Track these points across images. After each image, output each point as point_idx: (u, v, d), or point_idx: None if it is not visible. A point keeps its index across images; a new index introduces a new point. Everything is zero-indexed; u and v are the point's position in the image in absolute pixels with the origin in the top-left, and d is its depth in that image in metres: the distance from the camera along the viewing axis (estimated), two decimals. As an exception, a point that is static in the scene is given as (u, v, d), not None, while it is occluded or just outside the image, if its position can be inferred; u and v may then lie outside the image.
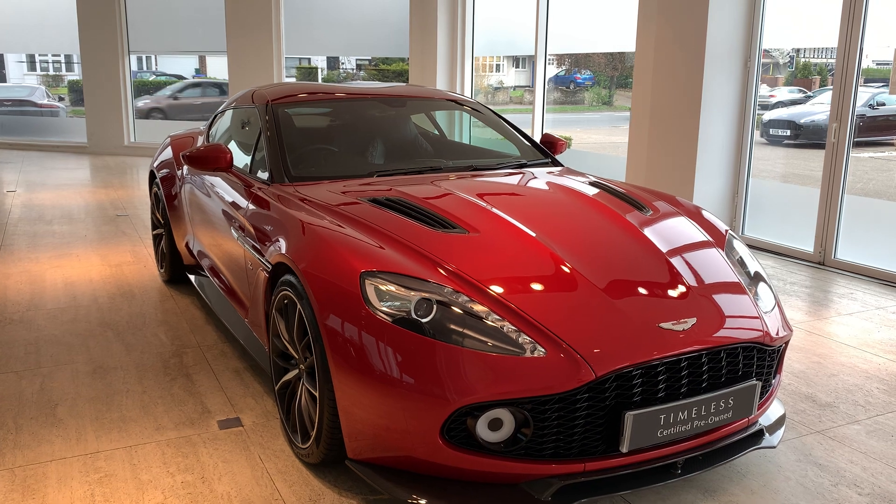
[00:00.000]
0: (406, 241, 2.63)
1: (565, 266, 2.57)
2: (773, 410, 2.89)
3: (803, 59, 9.46)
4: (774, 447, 2.70)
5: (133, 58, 12.49)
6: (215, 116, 4.79)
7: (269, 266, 2.93)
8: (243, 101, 4.28)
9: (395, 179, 3.45)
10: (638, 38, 6.84)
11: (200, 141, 4.82)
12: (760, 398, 2.66)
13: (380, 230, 2.72)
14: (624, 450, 2.29)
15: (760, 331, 2.56)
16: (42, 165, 11.10)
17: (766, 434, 2.69)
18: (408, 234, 2.68)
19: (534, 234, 2.74)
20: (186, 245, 4.59)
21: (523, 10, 9.18)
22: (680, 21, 6.39)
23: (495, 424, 2.26)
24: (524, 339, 2.27)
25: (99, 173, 10.44)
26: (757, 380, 2.51)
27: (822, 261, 5.79)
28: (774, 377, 2.77)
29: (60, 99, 18.11)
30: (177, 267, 4.88)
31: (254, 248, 3.17)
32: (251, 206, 3.36)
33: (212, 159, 3.61)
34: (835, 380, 3.61)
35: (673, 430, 2.35)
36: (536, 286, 2.48)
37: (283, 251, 2.81)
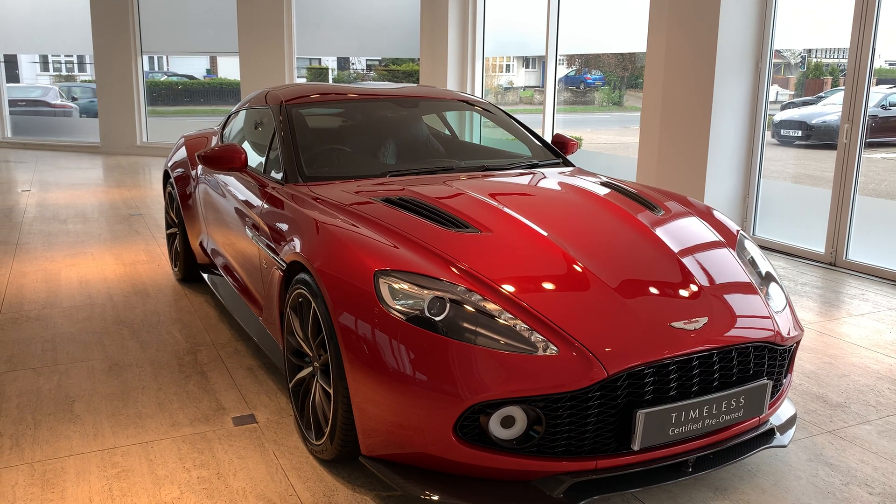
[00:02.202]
0: (419, 240, 2.66)
1: (577, 265, 2.59)
2: (785, 410, 2.90)
3: (815, 60, 9.43)
4: (785, 446, 2.71)
5: (144, 58, 12.57)
6: (229, 117, 4.84)
7: (284, 265, 2.97)
8: (257, 101, 4.32)
9: (408, 179, 3.48)
10: (649, 38, 6.85)
11: (214, 141, 4.87)
12: (771, 397, 2.67)
13: (393, 229, 2.75)
14: (635, 448, 2.31)
15: (771, 330, 2.57)
16: (56, 165, 11.20)
17: (777, 433, 2.70)
18: (421, 234, 2.70)
19: (546, 234, 2.77)
20: (200, 244, 4.63)
21: (533, 10, 9.20)
22: (691, 22, 6.40)
23: (508, 422, 2.28)
24: (536, 337, 2.30)
25: (112, 173, 10.53)
26: (768, 379, 2.53)
27: (833, 261, 5.78)
28: (785, 377, 2.78)
29: (74, 99, 18.26)
30: (191, 266, 4.92)
31: (268, 247, 3.21)
32: (265, 206, 3.40)
33: (227, 159, 3.65)
34: (846, 380, 3.62)
35: (684, 429, 2.36)
36: (548, 285, 2.51)
37: (298, 250, 2.84)
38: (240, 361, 3.74)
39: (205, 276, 4.69)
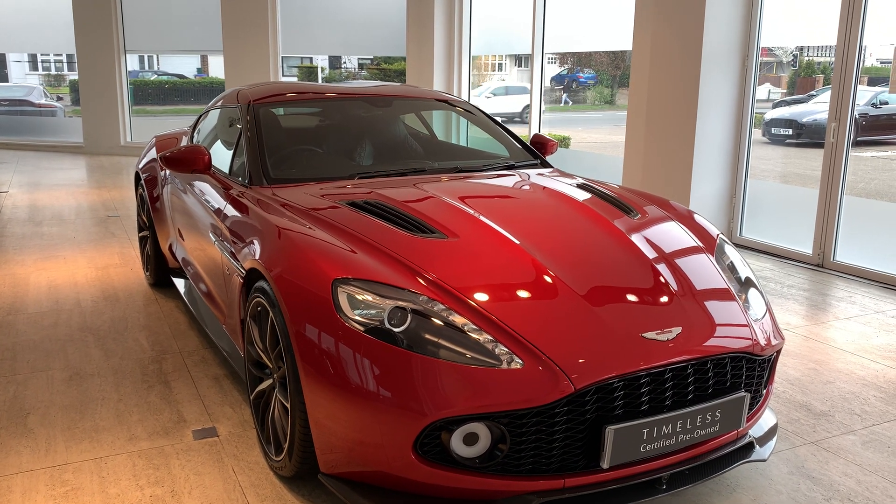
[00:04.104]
0: (382, 246, 2.53)
1: (546, 274, 2.47)
2: (765, 420, 2.78)
3: (806, 58, 9.35)
4: (765, 460, 2.59)
5: (134, 57, 12.40)
6: (200, 116, 4.70)
7: (244, 272, 2.84)
8: (228, 100, 4.19)
9: (377, 182, 3.35)
10: (635, 36, 6.73)
11: (185, 141, 4.74)
12: (750, 409, 2.56)
13: (355, 235, 2.62)
14: (605, 465, 2.19)
15: (750, 339, 2.46)
16: (37, 166, 11.04)
17: (757, 446, 2.58)
18: (384, 239, 2.58)
19: (514, 239, 2.64)
20: (170, 248, 4.50)
21: (520, 8, 9.07)
22: (677, 19, 6.28)
23: (471, 439, 2.17)
24: (501, 350, 2.18)
25: (93, 174, 10.37)
26: (746, 391, 2.41)
27: (820, 263, 5.68)
28: (765, 387, 2.67)
29: (59, 98, 18.08)
30: (162, 270, 4.79)
31: (230, 252, 3.08)
32: (228, 210, 3.27)
33: (189, 161, 3.51)
34: (831, 387, 3.51)
35: (657, 445, 2.25)
36: (515, 294, 2.38)
37: (257, 256, 2.71)
38: (206, 370, 3.61)
39: (176, 281, 4.56)
